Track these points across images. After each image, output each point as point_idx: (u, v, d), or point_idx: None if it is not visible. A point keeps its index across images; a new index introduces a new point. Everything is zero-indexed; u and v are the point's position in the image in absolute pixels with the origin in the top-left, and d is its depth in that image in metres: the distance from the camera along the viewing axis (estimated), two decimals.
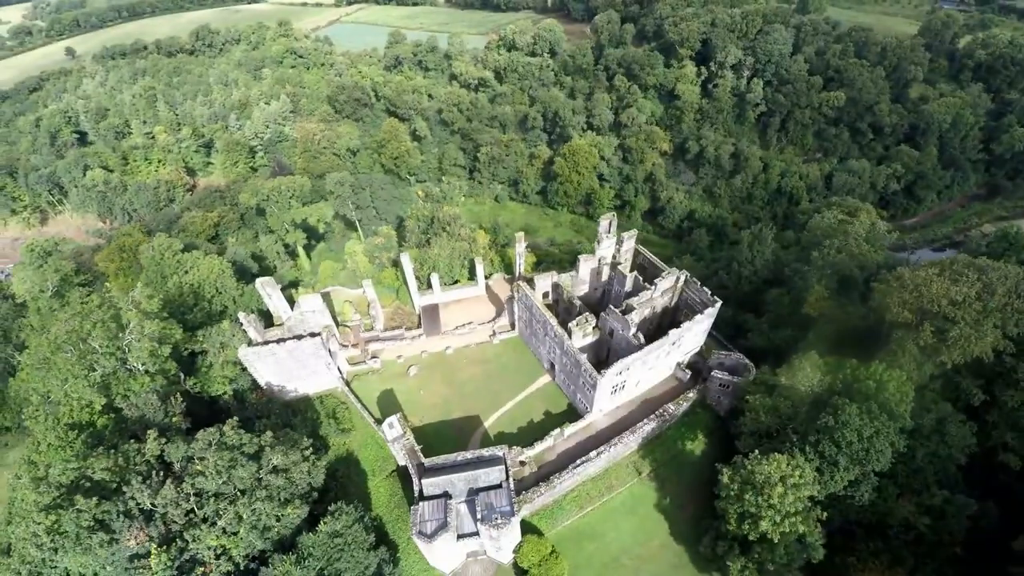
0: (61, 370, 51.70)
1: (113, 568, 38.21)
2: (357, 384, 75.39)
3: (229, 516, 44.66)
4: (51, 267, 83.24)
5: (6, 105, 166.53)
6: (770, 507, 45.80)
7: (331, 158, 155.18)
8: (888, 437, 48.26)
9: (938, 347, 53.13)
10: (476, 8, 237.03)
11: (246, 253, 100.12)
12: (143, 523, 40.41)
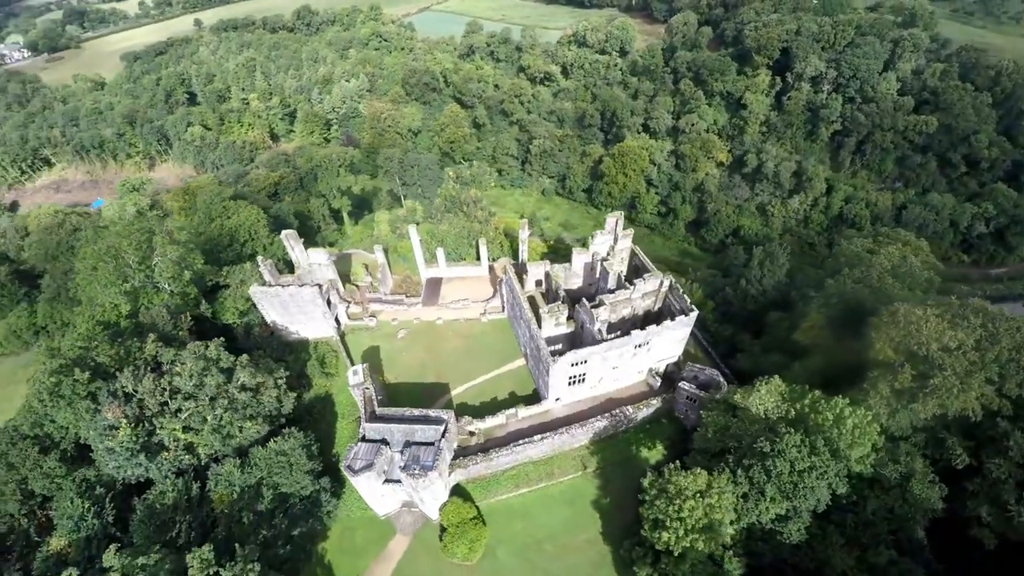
0: (101, 278, 63.14)
1: (93, 431, 47.37)
2: (351, 337, 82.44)
3: (195, 416, 52.64)
4: (131, 200, 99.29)
5: (137, 64, 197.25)
6: (677, 519, 45.29)
7: (394, 136, 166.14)
8: (826, 477, 45.38)
9: (915, 394, 48.51)
10: (561, 4, 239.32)
11: (289, 210, 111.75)
12: (123, 403, 49.21)
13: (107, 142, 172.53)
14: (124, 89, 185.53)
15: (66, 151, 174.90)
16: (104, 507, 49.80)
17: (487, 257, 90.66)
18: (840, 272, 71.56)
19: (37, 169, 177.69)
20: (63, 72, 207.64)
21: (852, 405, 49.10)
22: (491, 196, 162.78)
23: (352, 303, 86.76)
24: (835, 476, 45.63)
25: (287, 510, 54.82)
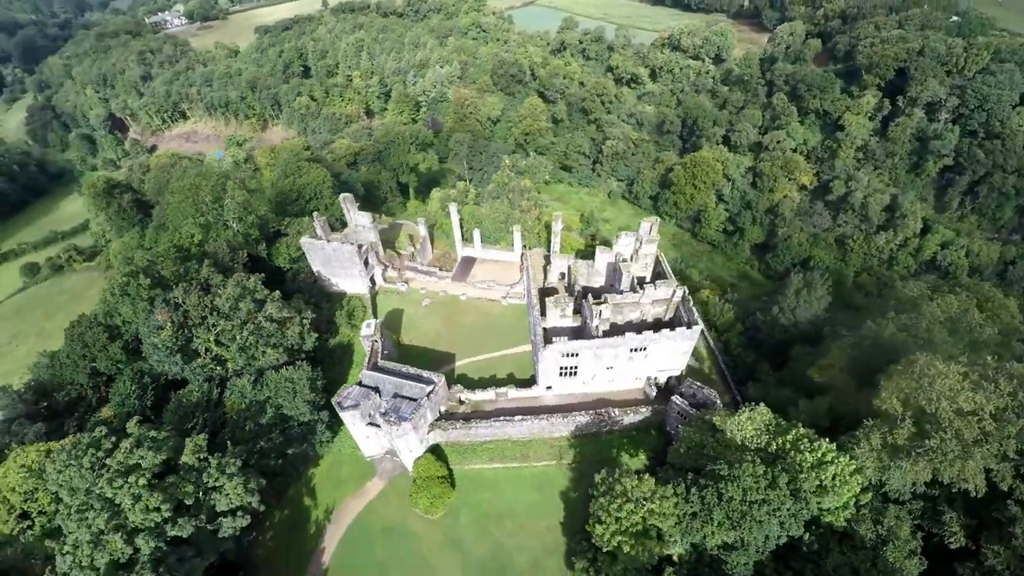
0: (182, 210, 75.56)
1: (144, 327, 58.11)
2: (381, 297, 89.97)
3: (226, 333, 61.95)
4: (231, 153, 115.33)
5: (266, 37, 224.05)
6: (614, 517, 45.86)
7: (473, 123, 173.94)
8: (778, 515, 43.24)
9: (908, 452, 44.19)
10: (667, 5, 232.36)
11: (359, 178, 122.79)
12: (172, 310, 59.53)
13: (231, 103, 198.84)
14: (252, 58, 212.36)
15: (199, 107, 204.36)
16: (146, 393, 60.77)
17: (520, 244, 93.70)
18: (885, 315, 65.39)
19: (175, 120, 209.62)
20: (209, 39, 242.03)
21: (839, 452, 46.05)
22: (556, 192, 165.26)
23: (390, 267, 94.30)
24: (789, 516, 43.30)
25: (285, 430, 62.60)
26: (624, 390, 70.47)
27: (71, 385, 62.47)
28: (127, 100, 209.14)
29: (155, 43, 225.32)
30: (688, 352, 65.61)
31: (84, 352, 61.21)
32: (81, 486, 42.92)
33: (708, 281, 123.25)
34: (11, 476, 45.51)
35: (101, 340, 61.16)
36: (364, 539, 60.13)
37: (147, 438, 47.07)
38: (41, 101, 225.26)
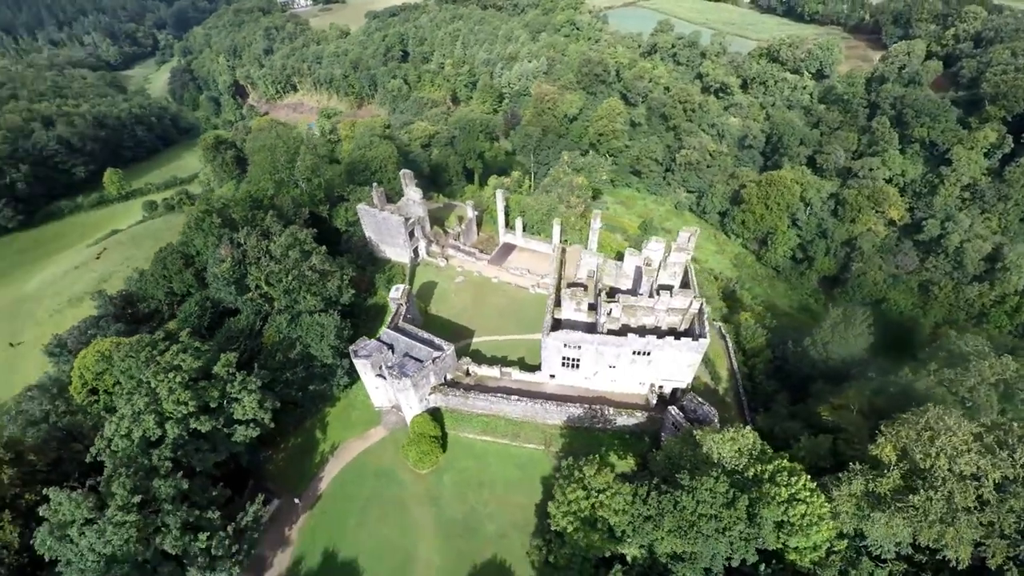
0: (262, 167, 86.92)
1: (210, 258, 68.88)
2: (421, 269, 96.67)
3: (274, 275, 71.27)
4: (320, 124, 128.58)
5: (374, 22, 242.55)
6: (566, 500, 47.83)
7: (551, 118, 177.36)
8: (729, 535, 42.66)
9: (888, 506, 41.51)
10: (778, 15, 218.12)
11: (427, 158, 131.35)
12: (233, 247, 69.76)
13: (335, 80, 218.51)
14: (359, 40, 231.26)
15: (308, 81, 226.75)
16: (204, 315, 71.80)
17: (559, 237, 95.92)
18: (926, 365, 60.33)
19: (287, 91, 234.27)
20: (326, 20, 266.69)
21: (816, 491, 44.35)
22: (621, 195, 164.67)
23: (434, 243, 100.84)
24: (740, 539, 42.65)
25: (309, 368, 70.78)
26: (626, 393, 70.94)
27: (151, 299, 75.48)
28: (250, 70, 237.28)
29: (280, 20, 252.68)
30: (694, 365, 64.76)
31: (164, 273, 73.69)
32: (135, 374, 52.91)
33: (759, 306, 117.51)
34: (88, 358, 57.15)
35: (177, 265, 73.27)
36: (357, 477, 66.74)
37: (192, 347, 56.60)
38: (183, 65, 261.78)
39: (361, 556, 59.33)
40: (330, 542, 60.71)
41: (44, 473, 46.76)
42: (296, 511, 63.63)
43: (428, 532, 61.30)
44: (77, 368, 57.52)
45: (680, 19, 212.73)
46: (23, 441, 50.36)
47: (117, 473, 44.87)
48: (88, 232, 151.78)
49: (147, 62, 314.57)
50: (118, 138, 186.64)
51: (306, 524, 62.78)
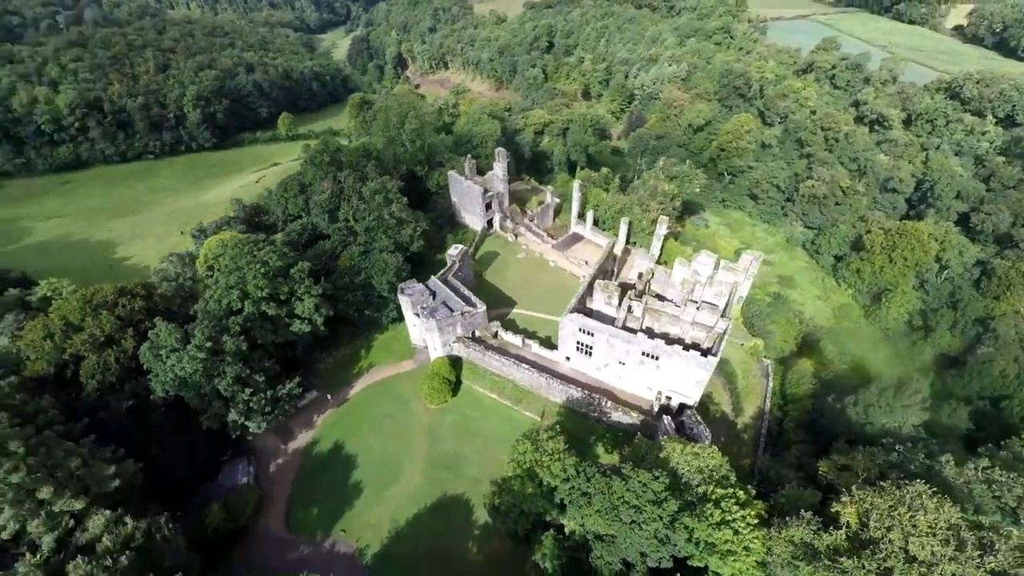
0: (379, 125, 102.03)
1: (313, 190, 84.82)
2: (490, 239, 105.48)
3: (360, 212, 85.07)
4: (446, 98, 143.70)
5: (529, 12, 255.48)
6: (516, 450, 52.80)
7: (675, 126, 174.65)
8: (644, 530, 43.97)
9: (818, 562, 39.43)
10: (985, 46, 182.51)
11: (529, 143, 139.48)
12: (333, 183, 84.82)
13: (481, 62, 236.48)
14: (511, 28, 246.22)
15: (457, 61, 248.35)
16: (304, 233, 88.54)
17: (625, 236, 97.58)
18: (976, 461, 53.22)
19: (439, 68, 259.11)
20: (488, 7, 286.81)
21: (755, 528, 43.75)
22: (729, 217, 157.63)
23: (509, 219, 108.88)
24: (654, 539, 43.83)
25: (368, 296, 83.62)
26: (632, 394, 72.27)
27: (271, 214, 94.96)
28: (413, 45, 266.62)
29: (449, 3, 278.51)
30: (702, 382, 64.03)
31: (283, 196, 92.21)
32: (237, 261, 69.17)
33: (844, 364, 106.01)
34: (212, 243, 75.76)
35: (294, 191, 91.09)
36: (380, 395, 78.13)
37: (280, 251, 71.85)
38: (363, 35, 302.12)
39: (361, 456, 70.34)
40: (343, 437, 72.77)
41: (162, 312, 64.59)
42: (326, 405, 76.95)
43: (419, 457, 70.16)
44: (204, 249, 76.64)
45: (853, 38, 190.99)
46: (156, 287, 69.92)
47: (202, 323, 60.61)
48: (258, 161, 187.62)
49: (338, 29, 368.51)
50: (298, 90, 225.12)
51: (330, 418, 75.76)
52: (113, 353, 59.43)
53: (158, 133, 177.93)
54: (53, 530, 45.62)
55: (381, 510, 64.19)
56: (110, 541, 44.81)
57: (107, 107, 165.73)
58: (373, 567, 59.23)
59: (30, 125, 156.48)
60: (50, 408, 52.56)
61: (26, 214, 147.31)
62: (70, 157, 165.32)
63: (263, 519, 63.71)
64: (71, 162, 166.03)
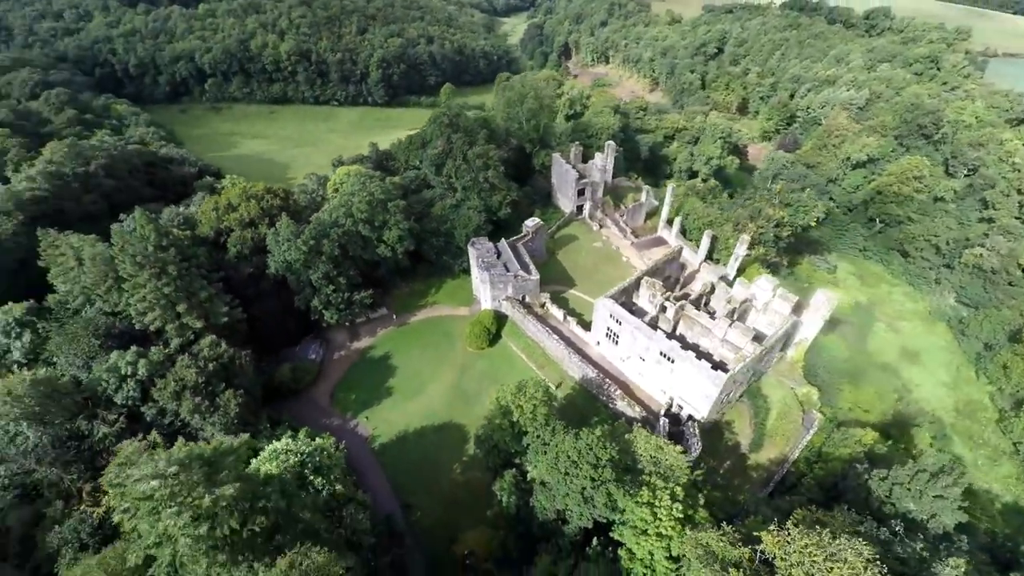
0: (503, 101, 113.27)
1: (433, 144, 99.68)
2: (575, 224, 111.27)
3: (461, 170, 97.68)
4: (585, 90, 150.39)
5: (706, 15, 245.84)
6: (503, 392, 60.06)
7: (831, 157, 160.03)
8: (573, 484, 48.44)
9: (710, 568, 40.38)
10: None
11: (650, 143, 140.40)
12: (445, 143, 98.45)
13: (640, 61, 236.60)
14: (682, 30, 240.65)
15: (619, 57, 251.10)
16: (415, 181, 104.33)
17: (706, 249, 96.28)
18: None
19: (599, 61, 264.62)
20: (666, 6, 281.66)
21: (676, 521, 45.82)
22: (862, 268, 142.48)
23: (598, 210, 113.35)
24: (579, 495, 47.89)
25: (448, 243, 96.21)
26: (648, 394, 74.24)
27: (396, 160, 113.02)
28: (582, 36, 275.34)
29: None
30: (710, 397, 63.94)
31: (407, 147, 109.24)
32: (352, 187, 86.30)
33: None
34: (340, 172, 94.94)
35: (416, 144, 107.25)
36: (431, 327, 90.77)
37: (385, 188, 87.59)
38: (539, 21, 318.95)
39: (400, 369, 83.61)
40: (393, 351, 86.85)
41: (289, 212, 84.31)
42: (390, 323, 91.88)
43: (445, 385, 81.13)
44: (335, 175, 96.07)
45: None
46: (293, 194, 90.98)
47: (312, 227, 78.34)
48: (415, 120, 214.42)
49: (521, 15, 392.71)
50: (465, 64, 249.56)
51: (389, 333, 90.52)
52: (250, 232, 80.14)
53: (345, 85, 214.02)
54: (180, 335, 65.84)
55: (399, 414, 76.75)
56: (208, 353, 63.36)
57: (313, 58, 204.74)
58: (376, 452, 72.11)
59: (258, 63, 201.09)
60: (203, 256, 73.95)
61: (239, 131, 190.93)
62: (279, 93, 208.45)
63: (315, 390, 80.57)
64: (279, 97, 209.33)
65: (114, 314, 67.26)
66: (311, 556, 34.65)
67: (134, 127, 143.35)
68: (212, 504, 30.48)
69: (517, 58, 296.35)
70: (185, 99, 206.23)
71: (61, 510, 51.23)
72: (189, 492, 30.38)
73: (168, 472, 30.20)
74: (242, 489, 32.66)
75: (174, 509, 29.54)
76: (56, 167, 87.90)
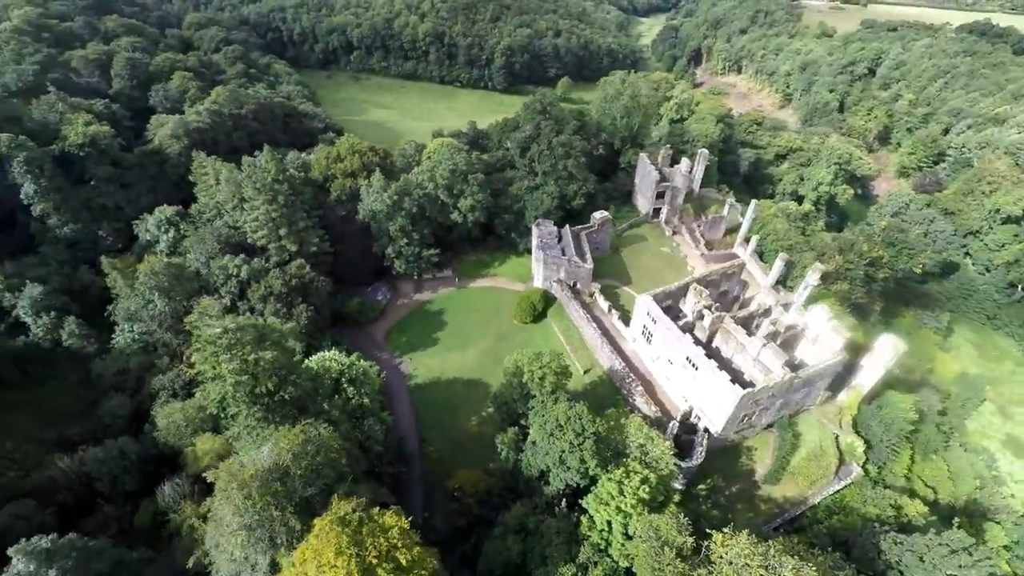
0: (600, 95, 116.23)
1: (523, 127, 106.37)
2: (649, 226, 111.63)
3: (543, 155, 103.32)
4: (693, 96, 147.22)
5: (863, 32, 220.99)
6: (521, 355, 65.00)
7: (977, 206, 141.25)
8: (555, 445, 52.32)
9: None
10: None
11: (752, 157, 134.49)
12: (534, 127, 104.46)
13: (775, 74, 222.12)
14: (830, 44, 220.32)
15: (751, 68, 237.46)
16: (502, 160, 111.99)
17: (777, 273, 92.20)
18: None
19: (730, 71, 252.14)
20: (820, 19, 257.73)
21: (639, 503, 48.05)
22: (983, 335, 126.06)
23: (674, 217, 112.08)
24: (559, 456, 51.66)
25: (519, 221, 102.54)
26: (671, 399, 74.80)
27: (489, 140, 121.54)
28: (715, 43, 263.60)
29: (775, 6, 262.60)
30: (726, 413, 63.36)
31: (501, 129, 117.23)
32: (442, 157, 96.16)
33: None
34: (435, 143, 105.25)
35: (510, 127, 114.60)
36: (486, 295, 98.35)
37: (469, 160, 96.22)
38: (676, 23, 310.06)
39: (449, 325, 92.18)
40: (447, 308, 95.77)
41: (384, 170, 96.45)
42: (452, 284, 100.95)
43: (484, 348, 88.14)
44: (431, 144, 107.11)
45: None
46: (391, 155, 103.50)
47: (398, 184, 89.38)
48: None
49: (660, 15, 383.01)
50: (588, 60, 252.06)
51: (448, 293, 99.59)
52: (350, 182, 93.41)
53: (469, 68, 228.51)
54: (278, 254, 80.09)
55: (438, 362, 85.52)
56: (294, 272, 76.74)
57: (446, 40, 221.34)
58: (411, 389, 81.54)
59: (397, 41, 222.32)
60: (308, 195, 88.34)
61: (371, 100, 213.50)
62: (411, 70, 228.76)
63: (374, 326, 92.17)
64: (410, 73, 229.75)
65: (234, 228, 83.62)
66: (319, 429, 43.37)
67: (285, 84, 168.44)
68: (254, 362, 40.29)
69: (644, 59, 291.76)
70: (333, 67, 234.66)
71: (166, 364, 66.64)
72: (241, 348, 40.44)
73: (229, 327, 40.51)
74: (279, 359, 42.36)
75: (228, 356, 39.70)
76: (217, 107, 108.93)
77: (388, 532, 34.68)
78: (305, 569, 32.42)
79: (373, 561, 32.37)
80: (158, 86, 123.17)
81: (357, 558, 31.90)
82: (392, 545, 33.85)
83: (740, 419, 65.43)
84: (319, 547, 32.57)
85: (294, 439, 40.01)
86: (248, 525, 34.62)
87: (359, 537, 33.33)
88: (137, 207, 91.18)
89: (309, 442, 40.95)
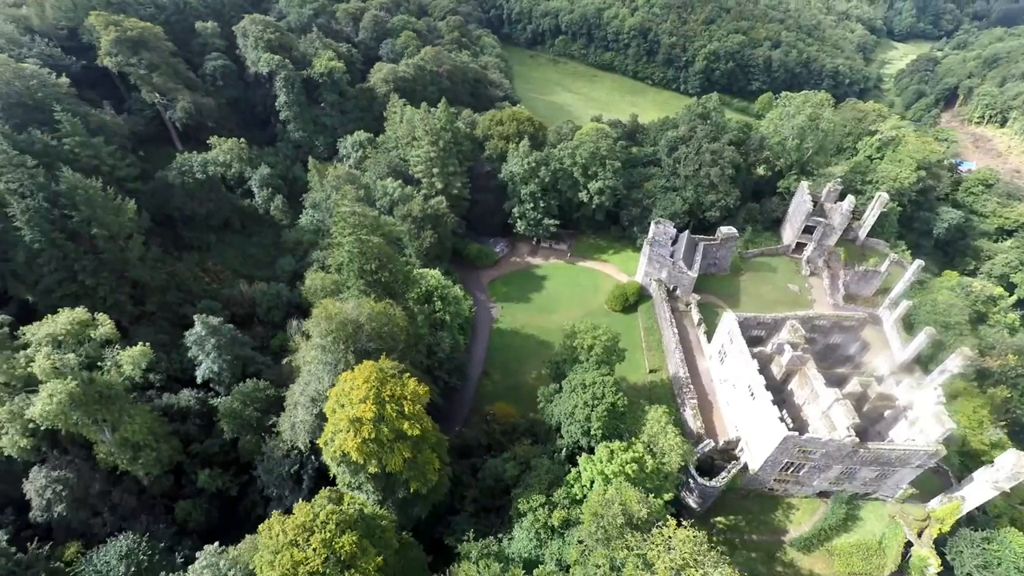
0: (778, 112, 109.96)
1: (679, 128, 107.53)
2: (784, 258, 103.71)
3: (686, 158, 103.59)
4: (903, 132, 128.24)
5: None
6: None
7: None
8: (572, 407, 57.46)
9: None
10: None
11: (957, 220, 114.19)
12: (688, 128, 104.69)
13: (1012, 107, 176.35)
14: None
15: (1020, 120, 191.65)
16: (647, 156, 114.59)
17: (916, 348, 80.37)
18: None
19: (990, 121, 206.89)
20: None
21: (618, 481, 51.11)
22: None
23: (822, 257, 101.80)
24: (571, 411, 56.87)
25: (643, 216, 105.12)
26: (723, 422, 73.30)
27: (646, 135, 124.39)
28: (986, 84, 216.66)
29: None
30: (767, 455, 60.81)
31: (660, 127, 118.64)
32: (587, 138, 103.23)
33: None
34: (588, 127, 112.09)
35: (667, 127, 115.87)
36: (590, 275, 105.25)
37: (611, 149, 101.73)
38: (938, 56, 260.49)
39: (547, 291, 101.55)
40: (550, 276, 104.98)
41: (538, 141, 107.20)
42: (563, 257, 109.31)
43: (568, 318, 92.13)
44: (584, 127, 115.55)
45: None
46: (546, 130, 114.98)
47: (540, 154, 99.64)
48: None
49: (923, 43, 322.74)
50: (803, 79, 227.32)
51: (557, 263, 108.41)
52: (503, 144, 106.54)
53: (666, 68, 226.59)
54: (428, 188, 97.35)
55: (524, 316, 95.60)
56: (434, 203, 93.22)
57: (649, 36, 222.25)
58: (493, 331, 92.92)
59: (602, 31, 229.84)
60: (466, 147, 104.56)
61: (562, 84, 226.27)
62: (607, 61, 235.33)
63: (484, 273, 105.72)
64: (605, 64, 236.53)
65: (403, 159, 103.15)
66: (395, 310, 56.25)
67: (486, 56, 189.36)
68: (364, 243, 54.40)
69: (880, 89, 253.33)
70: (539, 47, 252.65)
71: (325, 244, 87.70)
72: (360, 228, 54.83)
73: (356, 210, 55.18)
74: (384, 248, 56.08)
75: (350, 231, 54.36)
76: (422, 63, 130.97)
77: (406, 387, 45.64)
78: (343, 386, 45.09)
79: (386, 397, 43.60)
80: (388, 40, 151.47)
81: (375, 390, 43.37)
82: (403, 396, 44.71)
83: (782, 465, 62.24)
84: (355, 376, 44.90)
85: (373, 306, 53.27)
86: (323, 346, 48.73)
87: (384, 380, 44.85)
88: (346, 129, 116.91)
89: (383, 314, 53.88)
